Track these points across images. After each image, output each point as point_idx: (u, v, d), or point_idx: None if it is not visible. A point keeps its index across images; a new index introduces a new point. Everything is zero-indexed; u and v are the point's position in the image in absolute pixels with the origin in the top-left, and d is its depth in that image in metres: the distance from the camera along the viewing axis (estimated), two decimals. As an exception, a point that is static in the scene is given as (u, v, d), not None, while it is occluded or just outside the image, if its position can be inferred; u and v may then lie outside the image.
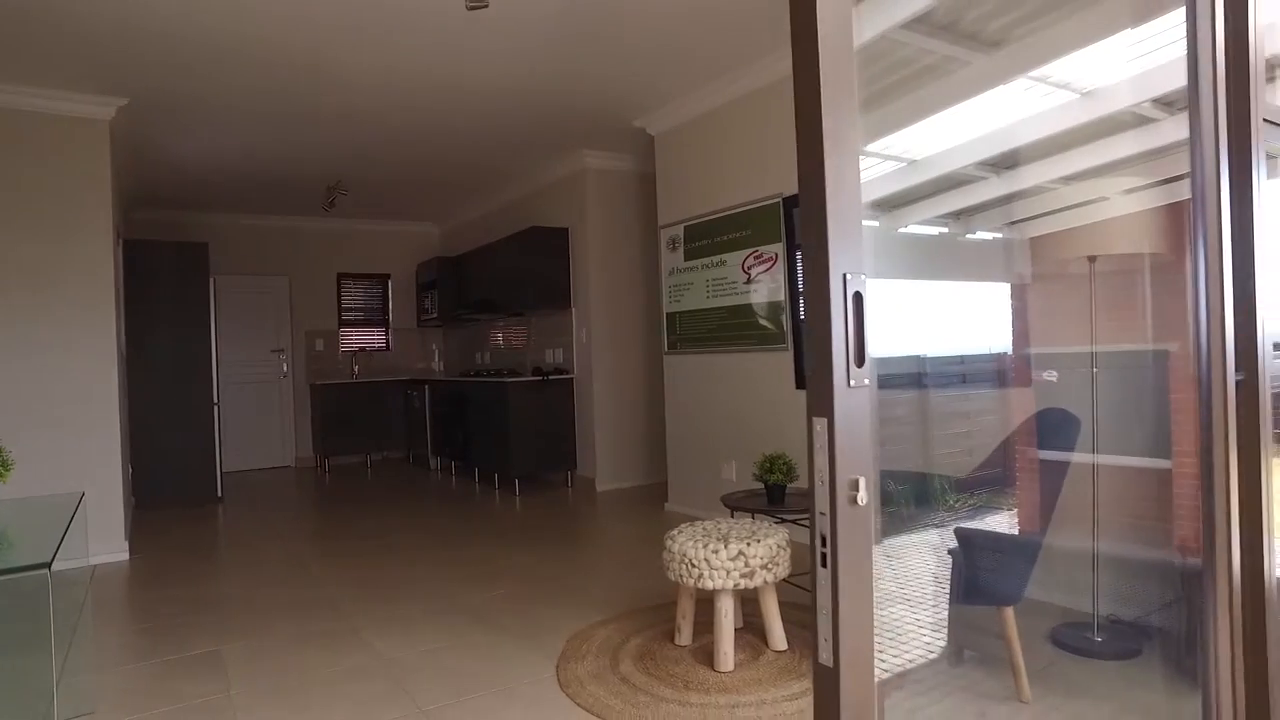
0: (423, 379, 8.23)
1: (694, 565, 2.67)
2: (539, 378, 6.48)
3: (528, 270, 6.54)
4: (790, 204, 4.38)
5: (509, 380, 6.35)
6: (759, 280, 4.61)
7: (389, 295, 9.20)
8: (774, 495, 3.33)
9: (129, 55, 3.96)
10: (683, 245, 5.23)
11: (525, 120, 5.34)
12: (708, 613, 2.78)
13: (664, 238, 5.44)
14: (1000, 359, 3.05)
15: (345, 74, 4.35)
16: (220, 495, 6.41)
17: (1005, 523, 2.91)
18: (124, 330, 5.36)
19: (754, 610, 2.94)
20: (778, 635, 2.81)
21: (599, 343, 6.33)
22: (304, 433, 8.56)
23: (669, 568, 2.78)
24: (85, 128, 4.55)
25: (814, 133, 0.88)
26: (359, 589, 3.81)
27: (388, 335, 9.21)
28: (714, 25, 3.94)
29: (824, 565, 0.90)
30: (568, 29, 3.91)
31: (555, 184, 6.74)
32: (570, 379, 6.55)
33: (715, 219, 4.94)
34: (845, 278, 0.88)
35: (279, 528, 5.46)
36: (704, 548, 2.67)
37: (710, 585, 2.64)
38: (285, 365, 8.52)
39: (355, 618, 3.37)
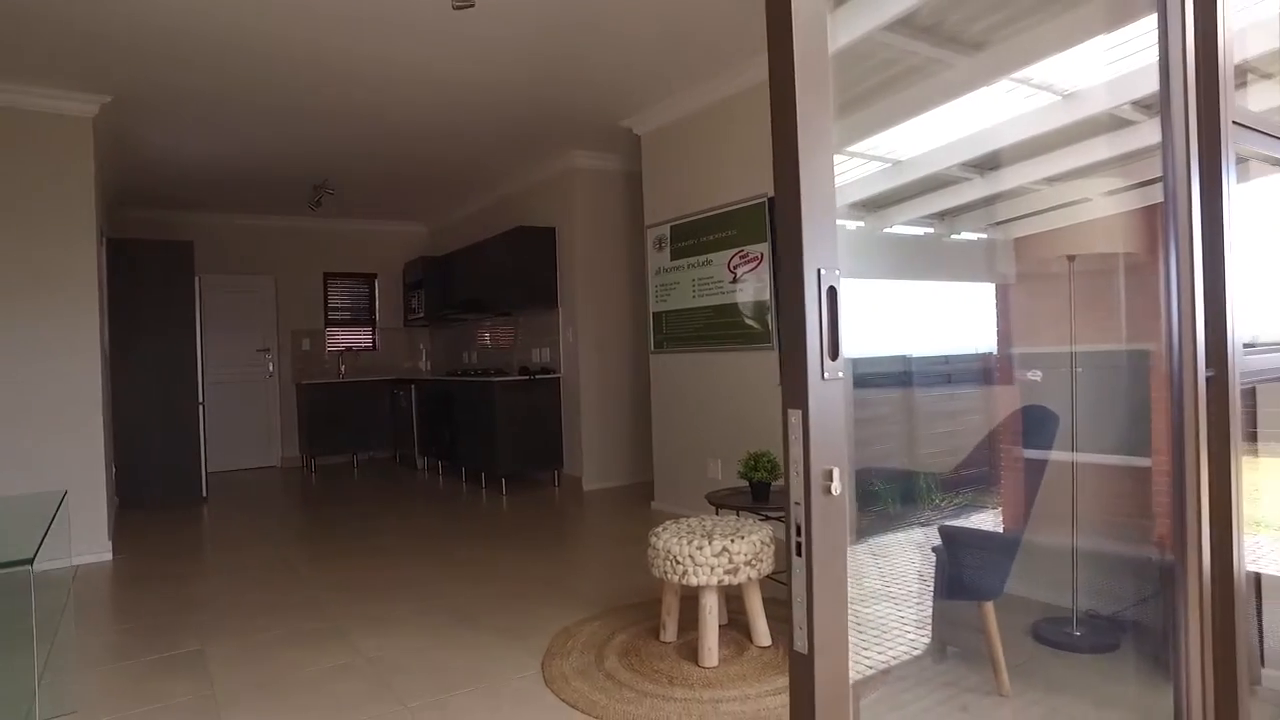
0: (409, 379, 8.21)
1: (678, 562, 2.69)
2: (525, 377, 6.48)
3: (515, 270, 6.54)
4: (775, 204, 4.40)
5: (495, 380, 6.35)
6: (744, 280, 4.64)
7: (376, 295, 9.17)
8: (758, 493, 3.36)
9: (112, 51, 3.94)
10: (669, 245, 5.26)
11: (512, 119, 5.35)
12: (693, 609, 2.80)
13: (650, 237, 5.46)
14: (985, 359, 3.08)
15: (331, 71, 4.34)
16: (205, 495, 6.37)
17: (985, 519, 2.94)
18: (108, 329, 5.32)
19: (738, 607, 2.96)
20: (761, 631, 2.83)
21: (585, 342, 6.34)
22: (290, 433, 8.52)
23: (654, 564, 2.80)
24: (68, 125, 4.51)
25: (789, 133, 0.90)
26: (344, 589, 3.81)
27: (374, 335, 9.19)
28: (699, 28, 3.96)
29: (799, 554, 0.92)
30: (554, 29, 3.92)
31: (542, 183, 6.75)
32: (557, 378, 6.56)
33: (701, 219, 4.96)
34: (819, 272, 0.90)
35: (264, 528, 5.44)
36: (688, 544, 2.69)
37: (694, 581, 2.66)
38: (271, 365, 8.48)
39: (340, 617, 3.37)
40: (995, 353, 3.06)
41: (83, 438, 4.58)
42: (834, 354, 0.91)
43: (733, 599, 3.05)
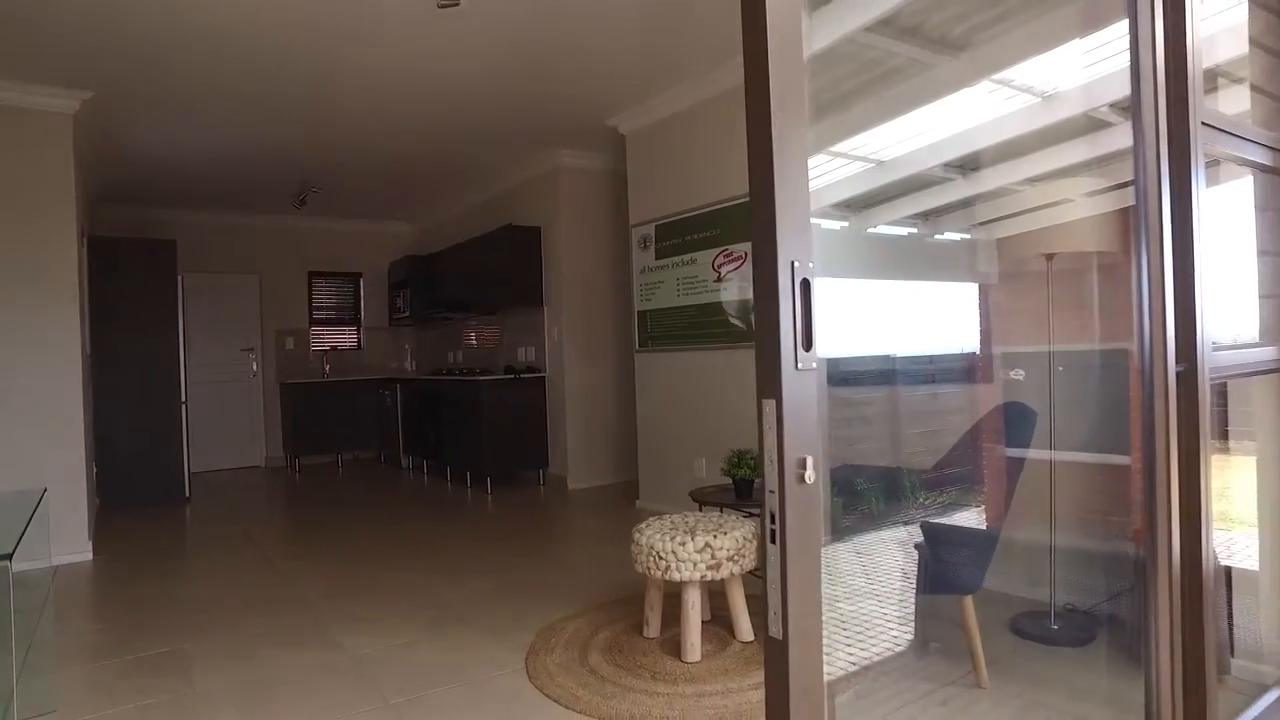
0: (395, 378, 8.19)
1: (661, 557, 2.71)
2: (511, 376, 6.48)
3: (500, 269, 6.54)
4: (760, 204, 4.43)
5: (481, 379, 6.35)
6: (729, 279, 4.66)
7: (361, 294, 9.14)
8: (741, 490, 3.38)
9: (93, 46, 3.91)
10: (654, 244, 5.27)
11: (498, 118, 5.35)
12: (676, 606, 2.82)
13: (635, 236, 5.48)
14: (969, 358, 3.12)
15: (315, 70, 4.33)
16: (188, 495, 6.33)
17: (964, 515, 2.98)
18: (89, 328, 5.28)
19: (721, 603, 2.98)
20: (744, 626, 2.85)
21: (571, 341, 6.34)
22: (274, 432, 8.47)
23: (637, 560, 2.82)
24: (48, 121, 4.47)
25: (763, 127, 0.92)
26: (328, 588, 3.80)
27: (359, 334, 9.15)
28: (684, 28, 3.98)
29: (773, 542, 0.93)
30: (540, 28, 3.93)
31: (528, 183, 6.75)
32: (542, 377, 6.57)
33: (686, 218, 4.98)
34: (793, 265, 0.92)
35: (247, 528, 5.41)
36: (671, 540, 2.71)
37: (677, 577, 2.68)
38: (255, 364, 8.42)
39: (324, 616, 3.36)
40: (978, 352, 3.10)
41: (63, 438, 4.53)
42: (807, 345, 0.93)
43: (716, 595, 3.07)
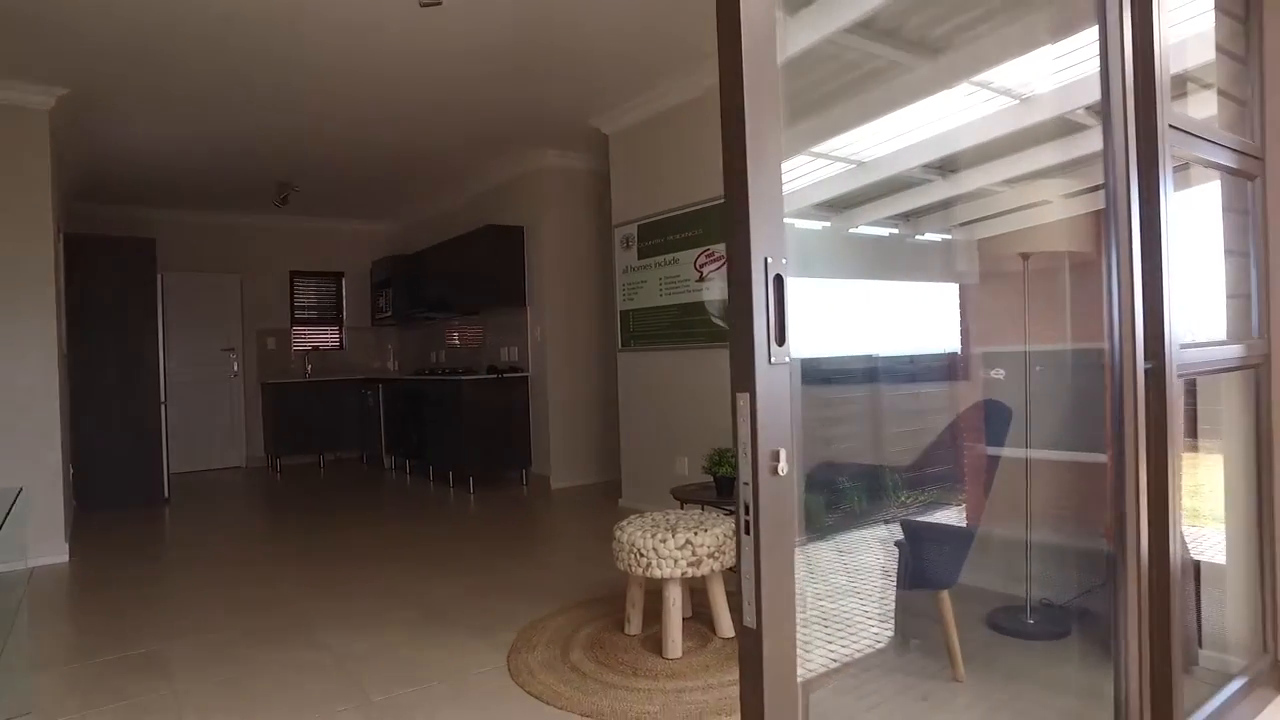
0: (377, 378, 8.15)
1: (642, 554, 2.72)
2: (494, 376, 6.48)
3: (483, 269, 6.53)
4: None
5: (464, 379, 6.33)
6: (711, 278, 4.69)
7: (343, 294, 9.09)
8: (722, 488, 3.40)
9: (68, 42, 3.87)
10: (636, 244, 5.29)
11: (481, 118, 5.34)
12: (657, 603, 2.83)
13: (618, 236, 5.49)
14: (949, 358, 3.16)
15: (297, 68, 4.31)
16: (167, 497, 6.26)
17: (946, 513, 3.02)
18: (65, 327, 5.22)
19: (702, 600, 3.00)
20: (725, 623, 2.88)
21: (554, 341, 6.35)
22: (255, 433, 8.41)
23: (618, 557, 2.83)
24: (23, 117, 4.42)
25: (737, 124, 0.94)
26: (309, 587, 3.78)
27: (341, 334, 9.10)
28: (667, 29, 4.00)
29: (747, 533, 0.95)
30: (523, 27, 3.93)
31: (511, 182, 6.75)
32: (525, 377, 6.56)
33: (668, 218, 5.00)
34: (766, 261, 0.93)
35: (228, 528, 5.37)
36: (652, 537, 2.72)
37: (658, 574, 2.70)
38: (236, 364, 8.36)
39: (306, 615, 3.35)
40: (959, 351, 3.14)
41: (39, 438, 4.48)
42: (780, 339, 0.94)
43: (697, 592, 3.09)
